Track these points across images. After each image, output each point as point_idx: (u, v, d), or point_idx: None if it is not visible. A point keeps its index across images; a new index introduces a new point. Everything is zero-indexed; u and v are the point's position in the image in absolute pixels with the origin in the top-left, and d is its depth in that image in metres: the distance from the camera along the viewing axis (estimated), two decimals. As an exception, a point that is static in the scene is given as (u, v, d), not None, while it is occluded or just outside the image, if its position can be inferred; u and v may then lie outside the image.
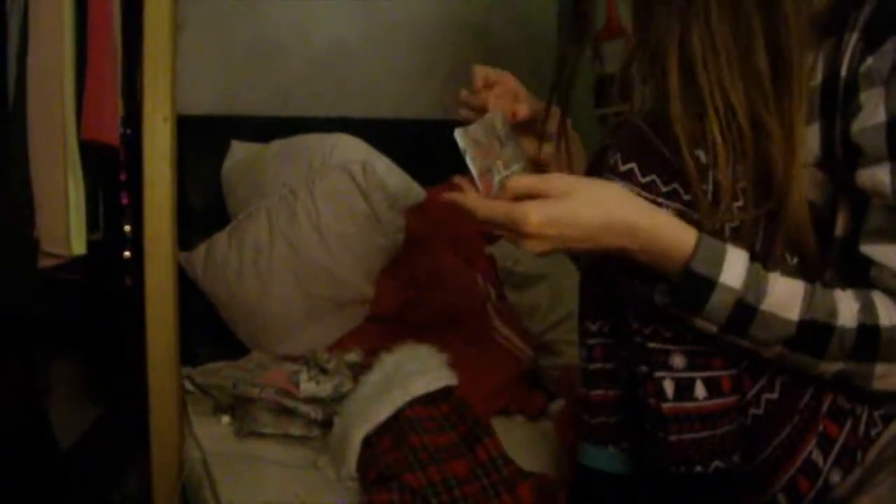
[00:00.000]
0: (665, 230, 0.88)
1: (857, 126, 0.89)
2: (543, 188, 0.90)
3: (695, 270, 0.87)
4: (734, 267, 0.87)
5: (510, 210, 0.89)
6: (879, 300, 0.87)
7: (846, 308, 0.87)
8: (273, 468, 1.33)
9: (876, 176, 0.87)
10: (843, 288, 0.89)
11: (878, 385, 0.89)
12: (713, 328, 0.89)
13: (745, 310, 0.87)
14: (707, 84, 0.89)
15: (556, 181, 0.91)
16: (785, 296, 0.87)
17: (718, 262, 0.87)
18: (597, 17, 1.12)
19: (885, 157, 0.86)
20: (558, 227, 0.88)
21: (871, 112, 0.87)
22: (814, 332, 0.87)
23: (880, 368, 0.87)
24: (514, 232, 0.89)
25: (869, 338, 0.86)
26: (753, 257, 0.91)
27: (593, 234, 0.89)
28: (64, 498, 1.71)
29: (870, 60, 0.87)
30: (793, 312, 0.87)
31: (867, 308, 0.87)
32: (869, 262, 0.89)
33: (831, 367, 0.89)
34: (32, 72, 1.43)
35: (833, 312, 0.87)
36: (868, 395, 0.92)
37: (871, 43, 0.87)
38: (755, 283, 0.87)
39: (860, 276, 0.90)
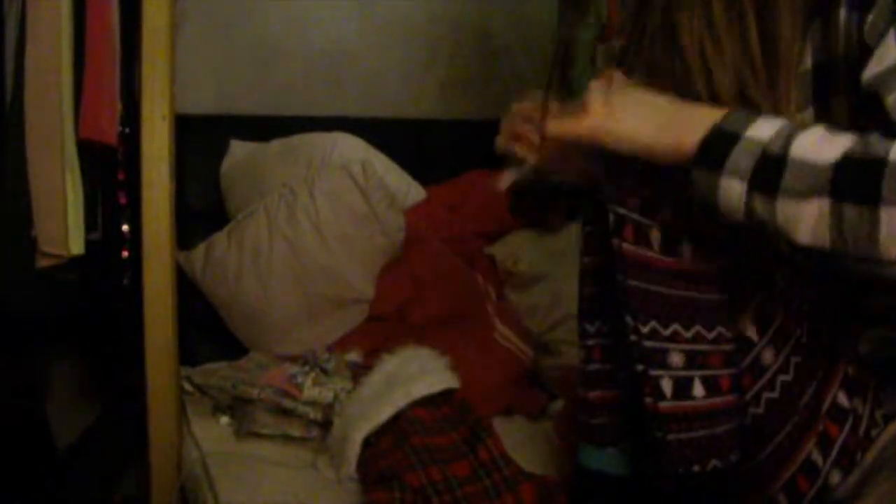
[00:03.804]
0: (701, 106, 0.88)
1: (868, 73, 0.83)
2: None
3: (722, 127, 0.84)
4: (765, 125, 0.83)
5: None
6: None
7: None
8: (272, 469, 1.33)
9: None
10: None
11: None
12: (739, 186, 0.81)
13: (771, 159, 0.80)
14: (694, 64, 0.88)
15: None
16: (821, 141, 0.79)
17: (750, 121, 0.83)
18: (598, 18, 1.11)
19: None
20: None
21: (882, 56, 0.82)
22: (857, 169, 0.75)
23: None
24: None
25: None
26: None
27: (653, 101, 0.89)
28: (63, 498, 1.71)
29: (870, 18, 0.84)
30: (829, 155, 0.77)
31: None
32: None
33: None
34: (30, 70, 1.42)
35: (885, 149, 0.75)
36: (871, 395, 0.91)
37: (864, 7, 0.85)
38: (784, 134, 0.81)
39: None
